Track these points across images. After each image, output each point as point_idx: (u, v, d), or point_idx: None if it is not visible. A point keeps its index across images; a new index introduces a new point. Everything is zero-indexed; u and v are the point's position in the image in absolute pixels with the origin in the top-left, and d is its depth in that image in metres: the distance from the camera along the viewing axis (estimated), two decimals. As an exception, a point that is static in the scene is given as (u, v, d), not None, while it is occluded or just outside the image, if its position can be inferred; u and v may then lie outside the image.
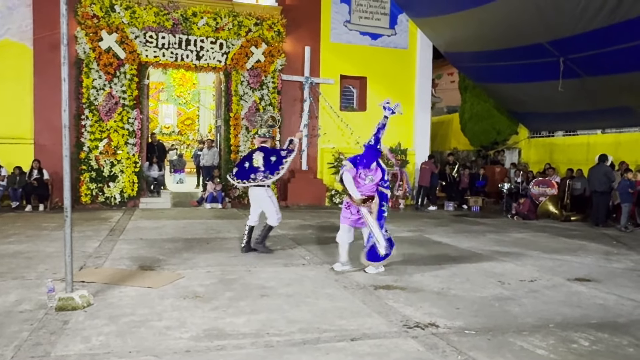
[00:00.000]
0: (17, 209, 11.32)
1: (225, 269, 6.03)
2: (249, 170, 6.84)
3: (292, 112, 13.93)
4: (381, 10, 14.64)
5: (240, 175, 6.95)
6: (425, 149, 15.07)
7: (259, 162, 6.80)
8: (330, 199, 13.90)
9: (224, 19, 12.67)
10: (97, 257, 6.54)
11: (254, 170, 6.80)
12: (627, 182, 10.49)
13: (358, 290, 5.27)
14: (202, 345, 3.66)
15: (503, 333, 4.13)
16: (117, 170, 12.00)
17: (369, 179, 5.95)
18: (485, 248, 7.98)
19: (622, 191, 10.51)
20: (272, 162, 6.82)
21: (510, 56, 12.13)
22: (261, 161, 6.80)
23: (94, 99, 11.84)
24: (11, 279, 5.31)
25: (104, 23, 11.89)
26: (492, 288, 5.55)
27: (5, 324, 3.96)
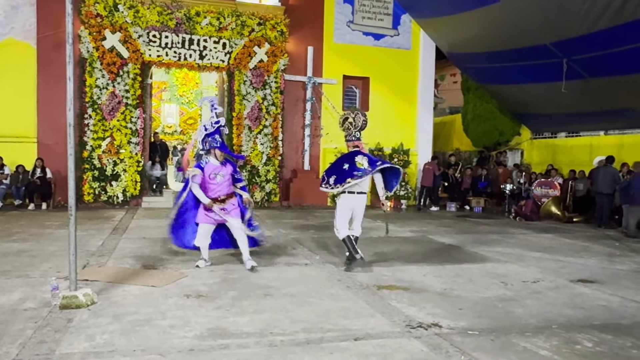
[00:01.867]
0: (20, 208, 11.34)
1: (228, 268, 6.04)
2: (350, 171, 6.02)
3: (295, 112, 13.93)
4: (384, 10, 14.64)
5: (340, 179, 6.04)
6: (427, 150, 15.07)
7: (365, 164, 6.05)
8: (333, 199, 13.86)
9: (227, 18, 12.68)
10: (100, 255, 6.55)
11: (360, 170, 6.01)
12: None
13: (361, 291, 5.27)
14: (206, 344, 3.67)
15: (506, 334, 4.12)
16: (119, 169, 12.02)
17: (219, 177, 5.98)
18: (488, 249, 7.97)
19: (624, 193, 10.48)
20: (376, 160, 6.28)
21: (513, 57, 12.11)
22: (367, 164, 6.06)
23: (97, 98, 11.86)
24: (15, 277, 5.32)
25: (108, 22, 11.91)
26: (495, 289, 5.54)
27: (9, 321, 3.98)
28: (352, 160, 6.08)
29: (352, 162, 6.06)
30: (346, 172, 6.02)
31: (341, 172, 6.06)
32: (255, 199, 12.94)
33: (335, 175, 6.10)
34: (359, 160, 6.07)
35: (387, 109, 14.72)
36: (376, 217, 11.74)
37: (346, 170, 6.03)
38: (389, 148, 14.53)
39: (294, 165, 13.96)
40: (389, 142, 14.55)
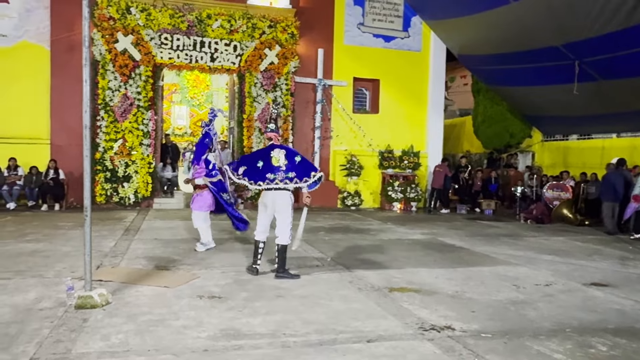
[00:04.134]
0: (34, 208, 11.46)
1: (239, 269, 6.06)
2: (265, 170, 5.70)
3: (305, 114, 13.96)
4: (395, 12, 14.64)
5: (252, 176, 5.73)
6: (438, 152, 15.03)
7: (280, 160, 5.70)
8: (342, 201, 13.91)
9: (238, 21, 12.75)
10: (114, 256, 6.61)
11: (274, 170, 5.68)
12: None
13: (372, 292, 5.28)
14: (220, 344, 3.69)
15: (519, 337, 4.11)
16: (131, 171, 12.11)
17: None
18: (499, 251, 7.95)
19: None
20: (298, 163, 5.76)
21: (524, 59, 12.06)
22: (283, 160, 5.71)
23: (110, 100, 11.96)
24: (30, 277, 5.39)
25: (120, 25, 12.02)
26: (507, 292, 5.53)
27: (26, 321, 4.03)
28: (267, 157, 5.73)
29: (267, 158, 5.71)
30: (259, 171, 5.69)
31: (254, 169, 5.73)
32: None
33: (245, 167, 5.80)
34: (275, 155, 5.71)
35: (397, 111, 14.72)
36: (386, 219, 11.75)
37: (259, 170, 5.69)
38: (399, 150, 14.51)
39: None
40: (399, 144, 14.53)
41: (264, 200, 5.79)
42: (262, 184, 5.67)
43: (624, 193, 10.65)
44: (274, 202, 5.72)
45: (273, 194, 5.70)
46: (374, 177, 14.47)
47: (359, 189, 14.14)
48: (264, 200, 5.78)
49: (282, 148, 5.84)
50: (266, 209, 5.78)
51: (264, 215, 5.82)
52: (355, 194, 13.99)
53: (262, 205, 5.82)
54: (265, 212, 5.80)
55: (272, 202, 5.73)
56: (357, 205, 13.95)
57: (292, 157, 5.78)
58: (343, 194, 13.95)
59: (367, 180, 14.33)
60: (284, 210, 5.73)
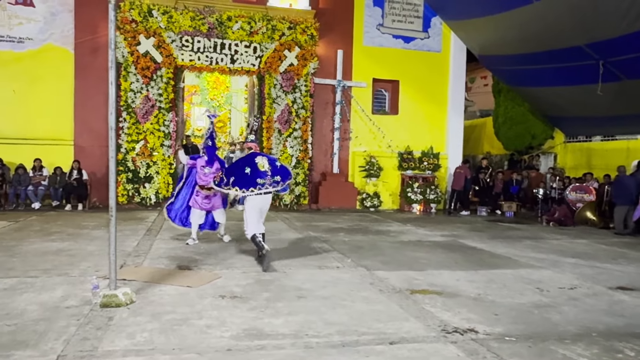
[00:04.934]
0: (58, 208, 11.67)
1: (260, 270, 6.09)
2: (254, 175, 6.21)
3: (324, 116, 13.98)
4: (414, 13, 14.57)
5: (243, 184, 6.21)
6: (458, 153, 14.91)
7: (265, 166, 6.29)
8: (362, 202, 13.88)
9: (258, 23, 12.82)
10: (137, 256, 6.70)
11: (262, 175, 6.24)
12: None
13: (394, 294, 5.26)
14: (243, 344, 3.71)
15: (544, 340, 4.06)
16: (152, 172, 12.25)
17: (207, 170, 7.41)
18: (521, 254, 7.85)
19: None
20: (279, 167, 6.44)
21: (547, 59, 11.91)
22: (267, 165, 6.32)
23: (132, 102, 12.12)
24: (56, 276, 5.49)
25: (142, 28, 12.18)
26: (530, 295, 5.46)
27: (53, 318, 4.10)
28: (252, 163, 6.29)
29: (253, 164, 6.27)
30: (249, 177, 6.21)
31: (243, 176, 6.23)
32: (284, 201, 13.03)
33: (234, 177, 6.30)
34: (259, 161, 6.31)
35: (416, 112, 14.64)
36: (406, 221, 11.69)
37: (248, 176, 6.21)
38: (418, 151, 14.44)
39: (323, 168, 14.00)
40: (418, 146, 14.46)
41: (256, 204, 6.33)
42: (254, 189, 6.23)
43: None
44: (265, 204, 6.47)
45: (263, 198, 6.35)
46: (393, 178, 14.42)
47: (378, 190, 14.10)
48: (256, 204, 6.33)
49: (263, 155, 6.54)
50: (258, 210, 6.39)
51: (257, 215, 6.37)
52: (374, 196, 13.95)
53: (255, 209, 6.35)
54: (258, 212, 6.39)
55: (264, 204, 6.45)
56: (376, 207, 13.91)
57: (273, 163, 6.48)
58: (362, 195, 13.92)
59: (386, 181, 14.29)
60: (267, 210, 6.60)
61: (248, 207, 6.34)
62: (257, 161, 6.30)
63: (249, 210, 6.33)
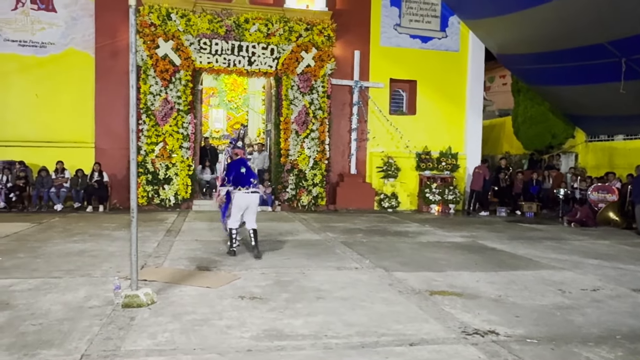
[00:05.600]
0: (79, 210, 11.86)
1: (279, 271, 6.12)
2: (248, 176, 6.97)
3: (342, 116, 13.97)
4: (432, 12, 14.49)
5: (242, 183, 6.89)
6: (476, 153, 14.78)
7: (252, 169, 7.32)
8: (379, 203, 13.84)
9: (275, 24, 12.87)
10: (157, 257, 6.77)
11: (254, 175, 7.11)
12: None
13: (413, 296, 5.23)
14: (263, 345, 3.73)
15: (567, 343, 4.00)
16: (171, 173, 12.38)
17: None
18: (542, 255, 7.75)
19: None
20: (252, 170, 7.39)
21: (567, 57, 11.73)
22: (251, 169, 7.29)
23: (151, 104, 12.26)
24: (79, 276, 5.58)
25: (161, 31, 12.31)
26: (552, 296, 5.38)
27: (77, 318, 4.17)
28: (246, 165, 7.10)
29: (247, 166, 7.08)
30: (244, 177, 6.90)
31: (240, 175, 6.92)
32: (302, 202, 13.06)
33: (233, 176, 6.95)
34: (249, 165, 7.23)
35: (434, 112, 14.55)
36: (424, 222, 11.63)
37: (244, 175, 6.91)
38: (436, 152, 14.35)
39: (340, 169, 13.99)
40: (436, 146, 14.38)
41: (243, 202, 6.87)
42: (249, 187, 6.88)
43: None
44: (252, 201, 6.93)
45: (251, 196, 6.90)
46: (411, 179, 14.35)
47: (396, 191, 14.04)
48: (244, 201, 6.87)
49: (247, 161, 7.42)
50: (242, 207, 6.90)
51: (239, 211, 6.94)
52: (392, 196, 13.90)
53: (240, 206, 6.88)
54: (241, 209, 6.91)
55: (250, 202, 6.91)
56: (394, 208, 13.85)
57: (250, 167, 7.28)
58: (380, 196, 13.88)
59: (404, 182, 14.22)
60: (256, 205, 7.05)
61: (234, 203, 6.92)
62: (248, 164, 7.15)
63: (234, 206, 6.93)
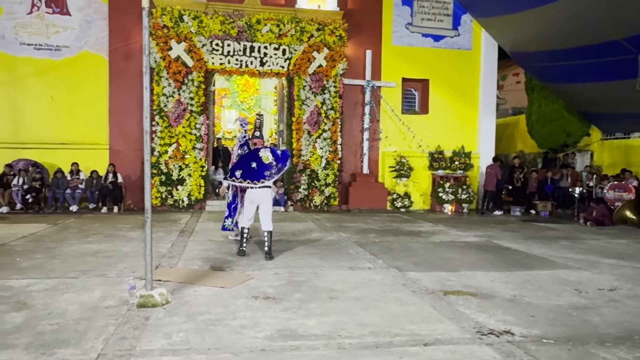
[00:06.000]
0: (94, 211, 11.97)
1: (292, 271, 6.12)
2: (261, 169, 6.64)
3: (354, 116, 13.95)
4: (444, 11, 14.42)
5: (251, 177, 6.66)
6: (490, 152, 14.66)
7: (269, 158, 6.71)
8: (392, 202, 13.80)
9: (287, 25, 12.88)
10: (171, 257, 6.82)
11: (268, 167, 6.66)
12: None
13: (427, 296, 5.21)
14: (277, 345, 3.74)
15: (584, 343, 3.95)
16: (185, 174, 12.45)
17: None
18: (558, 255, 7.67)
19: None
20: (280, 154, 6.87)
21: (582, 54, 11.60)
22: (271, 157, 6.73)
23: (164, 106, 12.34)
24: (95, 277, 5.63)
25: (173, 33, 12.39)
26: (568, 296, 5.32)
27: (93, 318, 4.21)
28: (257, 158, 6.69)
29: (258, 159, 6.67)
30: (255, 172, 6.63)
31: (249, 170, 6.67)
32: (314, 202, 13.06)
33: (241, 170, 6.75)
34: (263, 154, 6.70)
35: (447, 111, 14.48)
36: (438, 221, 11.57)
37: (255, 170, 6.64)
38: (449, 151, 14.27)
39: (352, 169, 13.97)
40: (449, 145, 14.29)
41: (252, 196, 6.72)
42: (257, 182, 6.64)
43: None
44: (261, 197, 6.70)
45: (259, 191, 6.67)
46: (424, 178, 14.28)
47: (408, 190, 13.99)
48: (253, 196, 6.72)
49: (266, 148, 6.85)
50: (253, 203, 6.75)
51: (252, 208, 6.81)
52: (405, 196, 13.84)
53: (250, 201, 6.76)
54: (252, 205, 6.78)
55: (259, 198, 6.71)
56: (407, 207, 13.80)
57: (275, 152, 6.81)
58: (392, 196, 13.83)
59: (417, 181, 14.16)
60: (268, 202, 6.76)
61: (245, 199, 6.84)
62: (260, 155, 6.71)
63: (245, 202, 6.86)
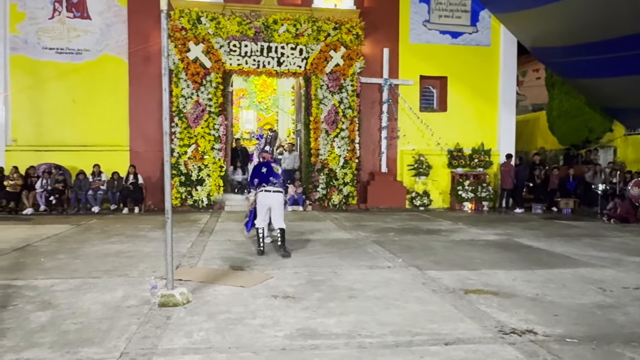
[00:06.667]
0: (115, 212, 12.15)
1: (311, 270, 6.12)
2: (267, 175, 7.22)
3: (371, 115, 13.91)
4: (462, 7, 14.28)
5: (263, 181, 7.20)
6: (510, 150, 14.45)
7: (279, 170, 7.44)
8: (411, 201, 13.72)
9: (304, 24, 12.89)
10: (191, 257, 6.88)
11: (277, 176, 7.27)
12: None
13: (447, 294, 5.16)
14: (297, 344, 3.74)
15: (608, 343, 3.88)
16: (204, 175, 12.56)
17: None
18: (581, 253, 7.54)
19: None
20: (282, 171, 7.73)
21: (604, 49, 11.38)
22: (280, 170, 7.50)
23: (183, 107, 12.46)
24: (117, 276, 5.71)
25: (191, 35, 12.50)
26: (592, 295, 5.23)
27: (115, 317, 4.27)
28: (269, 166, 7.31)
29: (269, 167, 7.29)
30: (264, 176, 7.19)
31: (261, 175, 7.26)
32: (333, 202, 13.06)
33: (257, 179, 7.30)
34: (275, 165, 7.42)
35: (466, 108, 14.34)
36: (457, 220, 11.47)
37: (264, 174, 7.21)
38: (468, 148, 14.14)
39: (371, 167, 13.93)
40: (468, 143, 14.16)
41: (264, 200, 7.10)
42: (265, 185, 7.10)
43: None
44: (273, 201, 7.08)
45: (270, 195, 7.06)
46: (443, 176, 14.17)
47: (427, 188, 13.91)
48: (264, 200, 7.10)
49: (276, 164, 7.70)
50: (264, 206, 7.13)
51: (265, 211, 7.19)
52: (424, 194, 13.76)
53: (262, 204, 7.13)
54: (264, 208, 7.15)
55: (271, 202, 7.08)
56: (426, 206, 13.71)
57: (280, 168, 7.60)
58: (411, 194, 13.76)
59: (435, 179, 14.06)
60: (279, 206, 7.17)
61: (258, 202, 7.21)
62: (272, 165, 7.37)
63: (258, 205, 7.22)
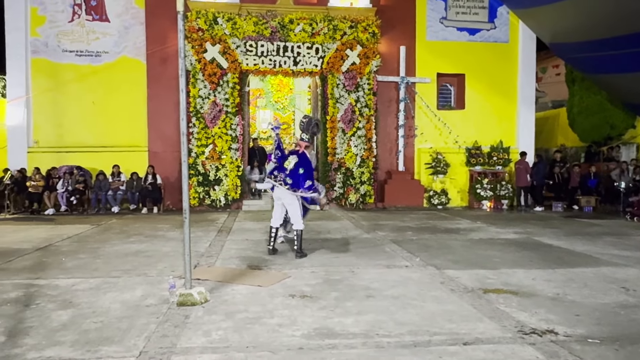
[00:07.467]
0: (135, 212, 12.30)
1: (328, 269, 6.12)
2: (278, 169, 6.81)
3: (388, 113, 13.85)
4: (479, 4, 14.13)
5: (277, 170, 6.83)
6: (529, 147, 14.30)
7: (290, 165, 6.72)
8: (429, 200, 13.63)
9: (320, 24, 12.89)
10: (209, 256, 6.92)
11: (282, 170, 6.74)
12: None
13: (466, 294, 5.11)
14: (314, 343, 3.74)
15: (632, 344, 3.80)
16: (221, 174, 12.64)
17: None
18: (603, 251, 7.40)
19: None
20: (299, 174, 6.63)
21: (626, 44, 11.14)
22: (291, 165, 6.71)
23: (200, 108, 12.56)
24: (136, 276, 5.78)
25: (208, 35, 12.59)
26: (614, 295, 5.13)
27: (135, 316, 4.32)
28: (285, 159, 6.81)
29: (284, 160, 6.80)
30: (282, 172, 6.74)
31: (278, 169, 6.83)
32: (350, 200, 13.03)
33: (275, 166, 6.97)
34: (289, 159, 6.77)
35: (484, 105, 14.19)
36: (476, 218, 11.36)
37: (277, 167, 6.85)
38: (487, 146, 14.00)
39: (388, 166, 13.87)
40: (487, 141, 14.02)
41: (275, 194, 6.91)
42: (271, 178, 6.84)
43: None
44: (283, 197, 6.78)
45: (280, 190, 6.74)
46: (461, 174, 14.05)
47: (445, 187, 13.81)
48: (275, 194, 6.90)
49: (298, 156, 6.76)
50: (278, 200, 6.89)
51: (278, 206, 6.95)
52: (441, 193, 13.66)
53: (276, 198, 6.94)
54: (277, 202, 6.93)
55: (281, 196, 6.80)
56: (444, 204, 13.61)
57: (297, 167, 6.69)
58: (429, 193, 13.67)
59: (453, 178, 13.95)
60: (291, 204, 6.76)
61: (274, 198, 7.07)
62: (288, 158, 6.80)
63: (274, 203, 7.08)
